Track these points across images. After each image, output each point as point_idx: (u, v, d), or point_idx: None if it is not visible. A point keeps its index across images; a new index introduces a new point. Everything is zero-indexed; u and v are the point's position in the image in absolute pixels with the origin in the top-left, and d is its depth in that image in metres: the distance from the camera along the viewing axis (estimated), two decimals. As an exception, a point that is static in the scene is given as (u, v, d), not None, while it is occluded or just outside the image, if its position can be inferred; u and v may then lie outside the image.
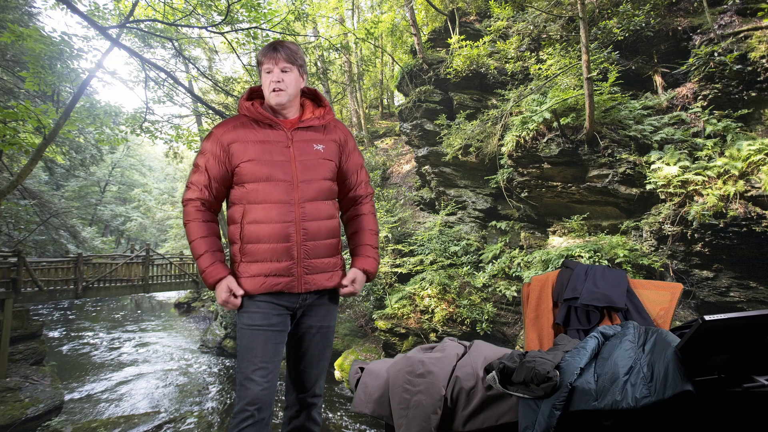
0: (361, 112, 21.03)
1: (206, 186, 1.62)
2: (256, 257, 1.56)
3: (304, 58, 1.68)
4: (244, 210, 1.58)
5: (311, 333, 1.65)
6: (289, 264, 1.55)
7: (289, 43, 1.64)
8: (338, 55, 17.54)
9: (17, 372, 9.62)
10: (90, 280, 12.14)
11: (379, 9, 21.54)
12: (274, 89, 1.59)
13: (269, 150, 1.58)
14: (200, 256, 1.57)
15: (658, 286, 2.25)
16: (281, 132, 1.61)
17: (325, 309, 1.67)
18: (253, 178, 1.57)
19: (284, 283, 1.55)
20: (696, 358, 1.19)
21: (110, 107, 11.43)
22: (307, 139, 1.63)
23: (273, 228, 1.54)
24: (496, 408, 1.64)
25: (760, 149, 6.97)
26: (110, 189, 31.53)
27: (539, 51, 11.06)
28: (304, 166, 1.59)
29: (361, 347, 11.66)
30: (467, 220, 12.15)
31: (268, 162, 1.57)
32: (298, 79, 1.64)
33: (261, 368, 1.50)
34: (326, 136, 1.68)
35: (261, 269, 1.55)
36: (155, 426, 8.79)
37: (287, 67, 1.60)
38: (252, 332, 1.53)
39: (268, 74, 1.60)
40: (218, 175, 1.61)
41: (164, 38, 10.61)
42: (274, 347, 1.54)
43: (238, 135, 1.60)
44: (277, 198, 1.55)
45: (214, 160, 1.60)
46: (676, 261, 7.92)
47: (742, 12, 8.18)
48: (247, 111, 1.63)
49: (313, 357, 1.66)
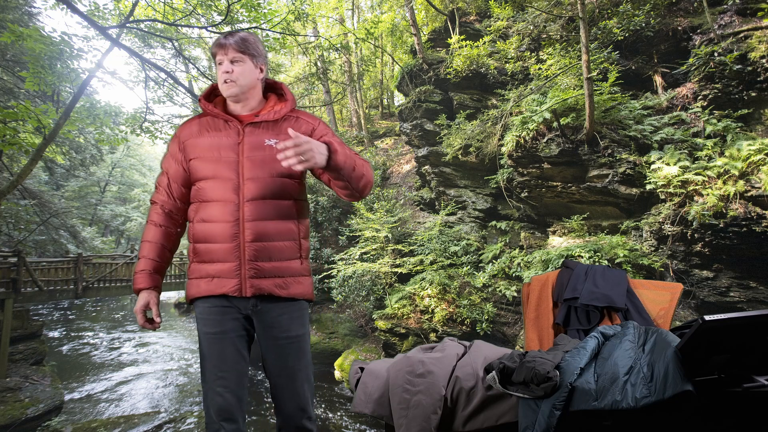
0: (361, 112, 21.03)
1: (167, 187, 1.61)
2: (203, 257, 1.52)
3: (259, 49, 1.57)
4: (196, 208, 1.56)
5: (277, 345, 1.51)
6: (234, 265, 1.48)
7: (244, 33, 1.56)
8: (338, 55, 17.54)
9: (17, 372, 9.61)
10: (90, 280, 12.14)
11: (379, 9, 21.53)
12: (225, 81, 1.52)
13: (217, 147, 1.53)
14: (139, 256, 1.59)
15: (658, 286, 2.25)
16: (233, 128, 1.55)
17: (287, 318, 1.52)
18: (200, 175, 1.54)
19: (230, 285, 1.48)
20: (696, 358, 1.19)
21: (110, 107, 11.42)
22: (259, 134, 1.54)
23: (218, 227, 1.49)
24: (496, 408, 1.63)
25: (760, 149, 6.97)
26: (110, 189, 31.53)
27: (539, 51, 11.06)
28: (252, 163, 1.51)
29: (361, 347, 11.67)
30: (467, 220, 12.15)
31: (214, 159, 1.52)
32: (253, 71, 1.55)
33: (220, 378, 1.45)
34: (282, 130, 1.56)
35: (208, 270, 1.51)
36: (155, 426, 8.79)
37: (238, 57, 1.52)
38: (208, 340, 1.49)
39: (220, 65, 1.53)
40: (176, 174, 1.60)
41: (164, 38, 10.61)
42: (233, 354, 1.48)
43: (192, 132, 1.58)
44: (222, 196, 1.50)
45: (172, 160, 1.60)
46: (676, 261, 7.92)
47: (742, 12, 8.18)
48: (203, 107, 1.60)
49: (284, 371, 1.51)
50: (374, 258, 11.95)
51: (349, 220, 13.40)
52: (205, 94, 1.65)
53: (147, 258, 1.57)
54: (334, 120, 21.01)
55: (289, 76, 20.08)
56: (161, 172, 1.65)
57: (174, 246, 1.65)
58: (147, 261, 1.57)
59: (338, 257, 12.84)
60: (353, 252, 12.16)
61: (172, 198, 1.61)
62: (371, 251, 11.99)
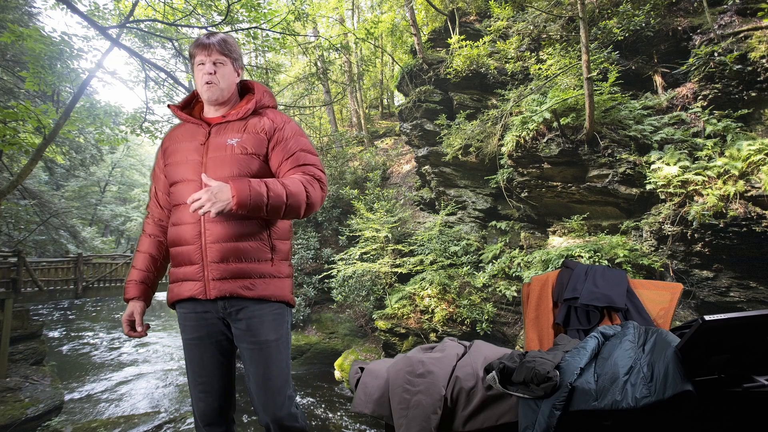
0: (361, 112, 21.03)
1: (154, 196, 1.65)
2: (175, 260, 1.54)
3: (239, 51, 1.58)
4: (171, 213, 1.58)
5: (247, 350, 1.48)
6: (197, 267, 1.47)
7: (223, 34, 1.56)
8: (338, 55, 17.54)
9: (17, 372, 9.61)
10: (90, 280, 12.14)
11: (379, 9, 21.53)
12: (206, 82, 1.50)
13: (186, 150, 1.53)
14: (132, 266, 1.63)
15: (658, 286, 2.25)
16: (202, 131, 1.55)
17: (257, 321, 1.47)
18: (171, 179, 1.56)
19: (195, 288, 1.47)
20: (696, 358, 1.19)
21: (110, 107, 11.43)
22: (222, 134, 1.52)
23: (184, 230, 1.50)
24: (496, 408, 1.63)
25: (760, 149, 6.97)
26: (110, 189, 31.52)
27: (539, 51, 11.06)
28: (213, 163, 1.49)
29: (361, 347, 11.67)
30: (467, 220, 12.15)
31: (182, 162, 1.52)
32: (232, 73, 1.55)
33: (200, 383, 1.48)
34: (246, 129, 1.53)
35: (179, 273, 1.51)
36: (155, 426, 8.79)
37: (221, 59, 1.51)
38: (187, 345, 1.51)
39: (201, 66, 1.51)
40: (160, 183, 1.63)
41: (164, 38, 10.60)
42: (211, 359, 1.49)
43: (171, 141, 1.60)
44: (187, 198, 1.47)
45: (157, 168, 1.64)
46: (676, 261, 7.92)
47: (742, 12, 8.18)
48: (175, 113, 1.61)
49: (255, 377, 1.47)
50: (374, 258, 11.94)
51: (349, 220, 13.39)
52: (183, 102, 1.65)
53: (136, 268, 1.61)
54: (334, 120, 21.00)
55: (289, 76, 20.08)
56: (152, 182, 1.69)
57: (166, 255, 1.65)
58: (136, 271, 1.61)
59: (338, 257, 12.84)
60: (353, 252, 12.16)
61: (160, 206, 1.64)
62: (371, 251, 11.99)
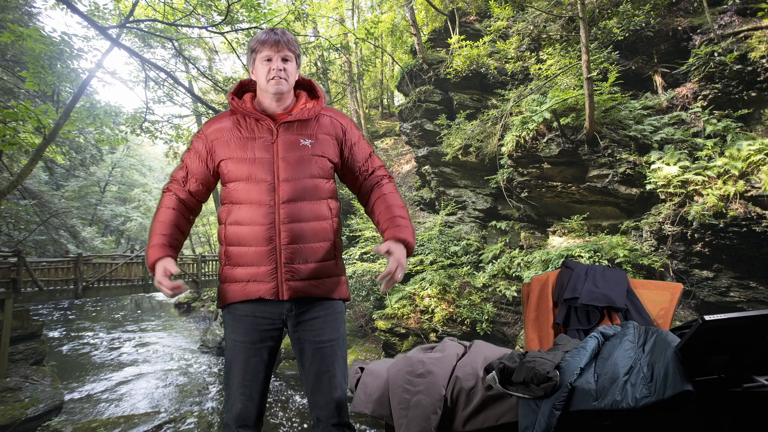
0: (361, 112, 21.02)
1: (182, 180, 1.57)
2: (237, 261, 1.49)
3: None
4: (228, 210, 1.51)
5: (310, 349, 1.50)
6: (270, 269, 1.45)
7: (287, 31, 1.55)
8: (338, 55, 17.54)
9: (17, 372, 9.61)
10: (90, 280, 12.13)
11: (379, 9, 21.53)
12: (275, 77, 1.48)
13: (251, 147, 1.48)
14: (150, 237, 1.52)
15: (658, 286, 2.25)
16: (267, 127, 1.50)
17: (321, 321, 1.50)
18: (232, 177, 1.50)
19: (265, 289, 1.45)
20: (696, 358, 1.19)
21: (110, 107, 11.43)
22: (294, 133, 1.50)
23: (253, 230, 1.45)
24: (496, 408, 1.63)
25: (760, 149, 6.97)
26: (110, 189, 31.53)
27: (539, 51, 11.06)
28: (287, 164, 1.47)
29: (361, 347, 11.67)
30: (467, 220, 12.15)
31: (248, 160, 1.47)
32: (296, 70, 1.54)
33: (242, 386, 1.46)
34: (318, 130, 1.54)
35: (242, 274, 1.48)
36: (155, 426, 8.79)
37: (289, 56, 1.50)
38: (234, 347, 1.49)
39: (268, 62, 1.49)
40: (197, 172, 1.56)
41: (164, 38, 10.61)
42: (258, 364, 1.47)
43: (223, 132, 1.52)
44: (256, 198, 1.46)
45: (196, 157, 1.56)
46: (676, 261, 7.92)
47: (742, 12, 8.18)
48: (233, 106, 1.55)
49: (318, 375, 1.50)
50: (374, 258, 11.94)
51: (349, 220, 13.40)
52: (234, 91, 1.60)
53: (159, 234, 1.50)
54: (334, 120, 20.99)
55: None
56: (180, 165, 1.60)
57: (185, 231, 1.60)
58: (159, 236, 1.50)
59: (338, 257, 12.83)
60: (353, 252, 12.16)
61: (187, 192, 1.58)
62: (371, 251, 11.99)
